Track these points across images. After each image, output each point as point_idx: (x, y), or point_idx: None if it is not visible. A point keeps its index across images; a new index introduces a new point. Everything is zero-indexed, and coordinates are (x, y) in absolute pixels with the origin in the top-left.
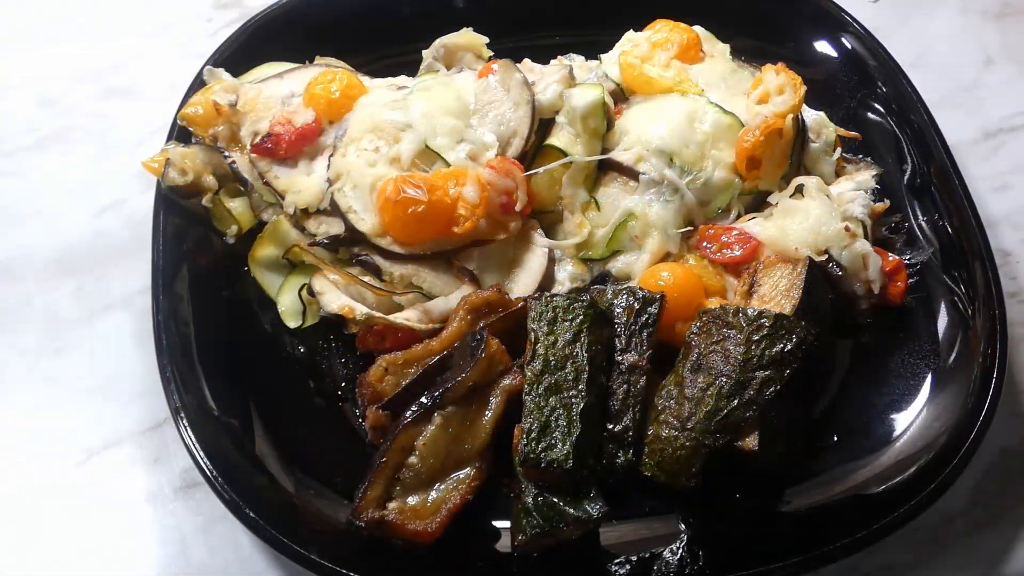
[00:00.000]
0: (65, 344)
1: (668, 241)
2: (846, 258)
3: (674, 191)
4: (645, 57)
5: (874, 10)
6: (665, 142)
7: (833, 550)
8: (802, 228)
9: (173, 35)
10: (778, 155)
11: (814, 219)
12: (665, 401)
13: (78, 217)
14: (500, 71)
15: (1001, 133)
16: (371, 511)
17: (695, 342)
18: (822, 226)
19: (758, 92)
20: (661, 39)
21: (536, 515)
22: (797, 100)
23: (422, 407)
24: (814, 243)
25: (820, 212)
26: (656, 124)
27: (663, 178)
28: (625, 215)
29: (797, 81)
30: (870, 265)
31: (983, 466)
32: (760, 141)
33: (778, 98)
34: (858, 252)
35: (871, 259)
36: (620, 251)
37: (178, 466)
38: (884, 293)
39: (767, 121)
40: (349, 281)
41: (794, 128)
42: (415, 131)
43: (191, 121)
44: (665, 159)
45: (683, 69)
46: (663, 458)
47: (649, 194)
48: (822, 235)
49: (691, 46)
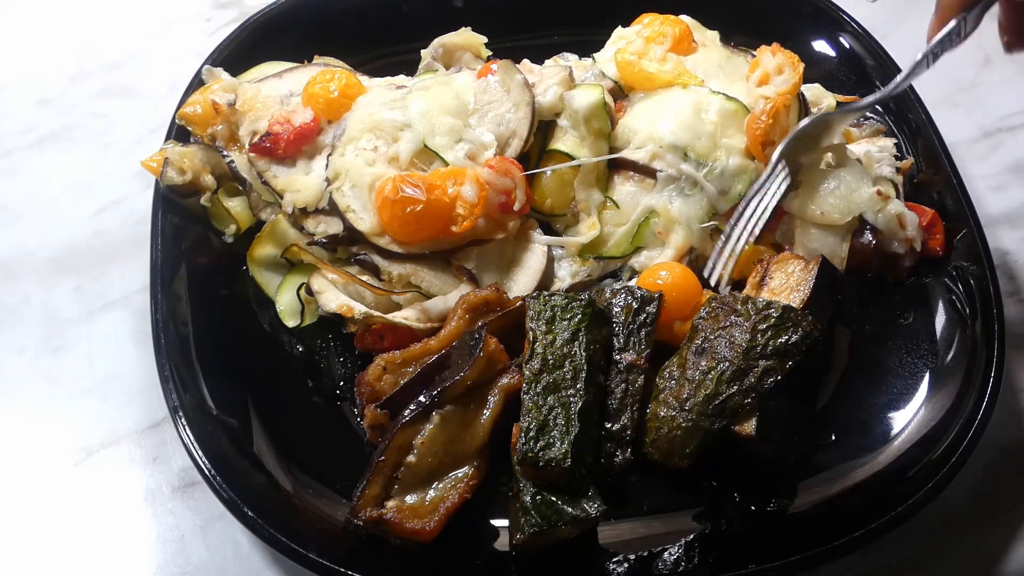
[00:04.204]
0: (64, 343)
1: (692, 236)
2: (882, 221)
3: (693, 184)
4: (641, 53)
5: (872, 9)
6: (677, 136)
7: (831, 549)
8: (833, 196)
9: (172, 34)
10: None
11: (845, 186)
12: (666, 381)
13: (77, 216)
14: (500, 72)
15: (1000, 132)
16: (369, 510)
17: (702, 326)
18: (853, 192)
19: (757, 74)
20: (654, 33)
21: (534, 514)
22: (798, 78)
23: (420, 406)
24: (847, 209)
25: (851, 178)
26: (664, 119)
27: (681, 173)
28: (646, 212)
29: (795, 59)
30: (907, 224)
31: (981, 465)
32: (770, 124)
33: (778, 78)
34: (893, 213)
35: (908, 218)
36: (643, 247)
37: (176, 465)
38: (925, 247)
39: (774, 103)
40: (348, 280)
41: (797, 103)
42: (414, 131)
43: (190, 120)
44: (679, 154)
45: (680, 61)
46: (658, 437)
47: (668, 190)
48: (854, 201)
49: (684, 38)
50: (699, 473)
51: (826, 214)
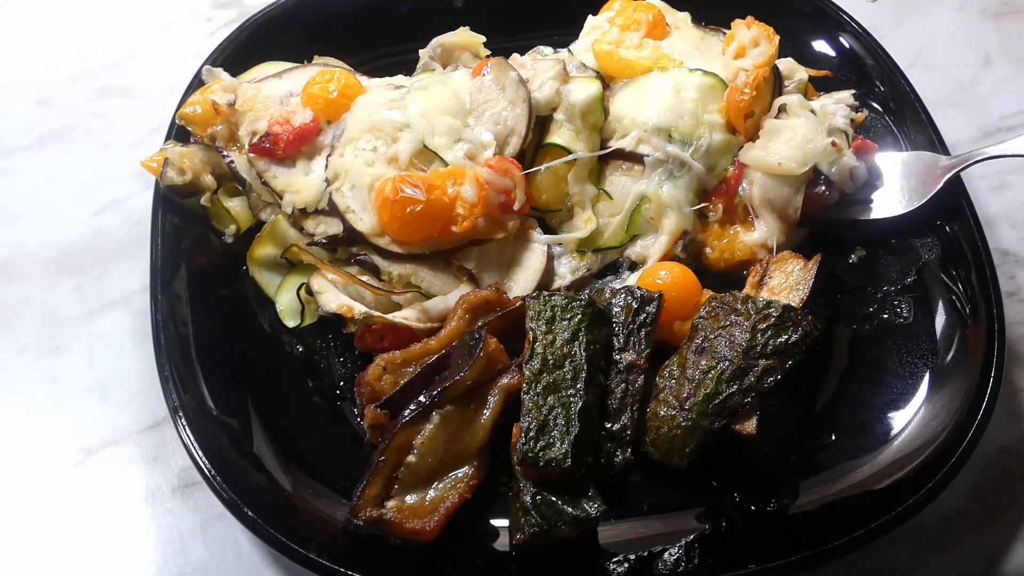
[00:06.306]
0: (64, 343)
1: (684, 219)
2: (836, 173)
3: (681, 165)
4: (617, 41)
5: (872, 9)
6: (660, 119)
7: (831, 549)
8: (788, 146)
9: (172, 34)
10: (766, 103)
11: (800, 136)
12: (666, 380)
13: (77, 216)
14: (494, 70)
15: (999, 132)
16: (369, 510)
17: (702, 326)
18: (808, 143)
19: (733, 47)
20: (628, 20)
21: (534, 514)
22: (774, 49)
23: (420, 406)
24: (802, 159)
25: (806, 129)
26: (647, 104)
27: (667, 155)
28: (638, 199)
29: (769, 31)
30: (857, 177)
31: (981, 465)
32: (753, 96)
33: (754, 50)
34: (846, 166)
35: (858, 171)
36: (638, 235)
37: (176, 465)
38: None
39: (755, 75)
40: (347, 280)
41: (772, 75)
42: (413, 131)
43: (189, 120)
44: (664, 136)
45: (657, 46)
46: (658, 436)
47: (656, 174)
48: (809, 151)
49: (658, 23)
50: (699, 473)
51: (783, 164)
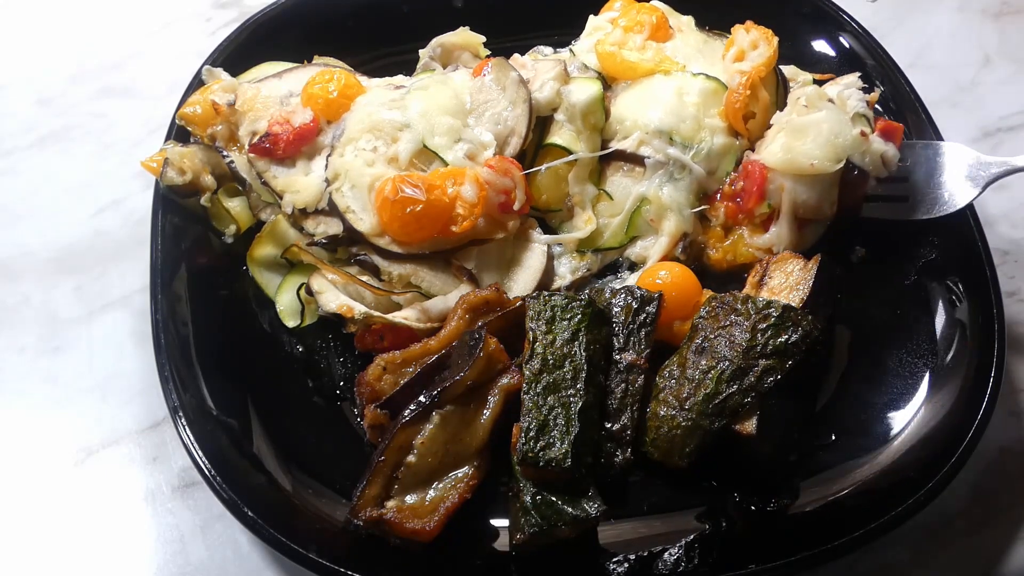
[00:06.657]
0: (64, 343)
1: (684, 221)
2: (869, 163)
3: (681, 168)
4: (620, 43)
5: (872, 9)
6: (662, 122)
7: (831, 549)
8: (816, 144)
9: (172, 34)
10: (767, 103)
11: (827, 131)
12: (666, 380)
13: (77, 216)
14: (494, 70)
15: (999, 132)
16: (369, 510)
17: (702, 325)
18: (837, 136)
19: (733, 51)
20: (631, 22)
21: (534, 514)
22: (772, 51)
23: (420, 406)
24: (834, 155)
25: (831, 123)
26: (649, 107)
27: (668, 158)
28: (638, 200)
29: (768, 34)
30: (889, 160)
31: (981, 465)
32: (748, 96)
33: (753, 53)
34: (877, 152)
35: (889, 154)
36: (638, 236)
37: (176, 465)
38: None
39: (750, 76)
40: (347, 280)
41: (775, 78)
42: (413, 131)
43: (189, 120)
44: (665, 139)
45: (660, 49)
46: (658, 436)
47: (657, 176)
48: (839, 145)
49: (661, 25)
50: (699, 473)
51: (816, 164)
